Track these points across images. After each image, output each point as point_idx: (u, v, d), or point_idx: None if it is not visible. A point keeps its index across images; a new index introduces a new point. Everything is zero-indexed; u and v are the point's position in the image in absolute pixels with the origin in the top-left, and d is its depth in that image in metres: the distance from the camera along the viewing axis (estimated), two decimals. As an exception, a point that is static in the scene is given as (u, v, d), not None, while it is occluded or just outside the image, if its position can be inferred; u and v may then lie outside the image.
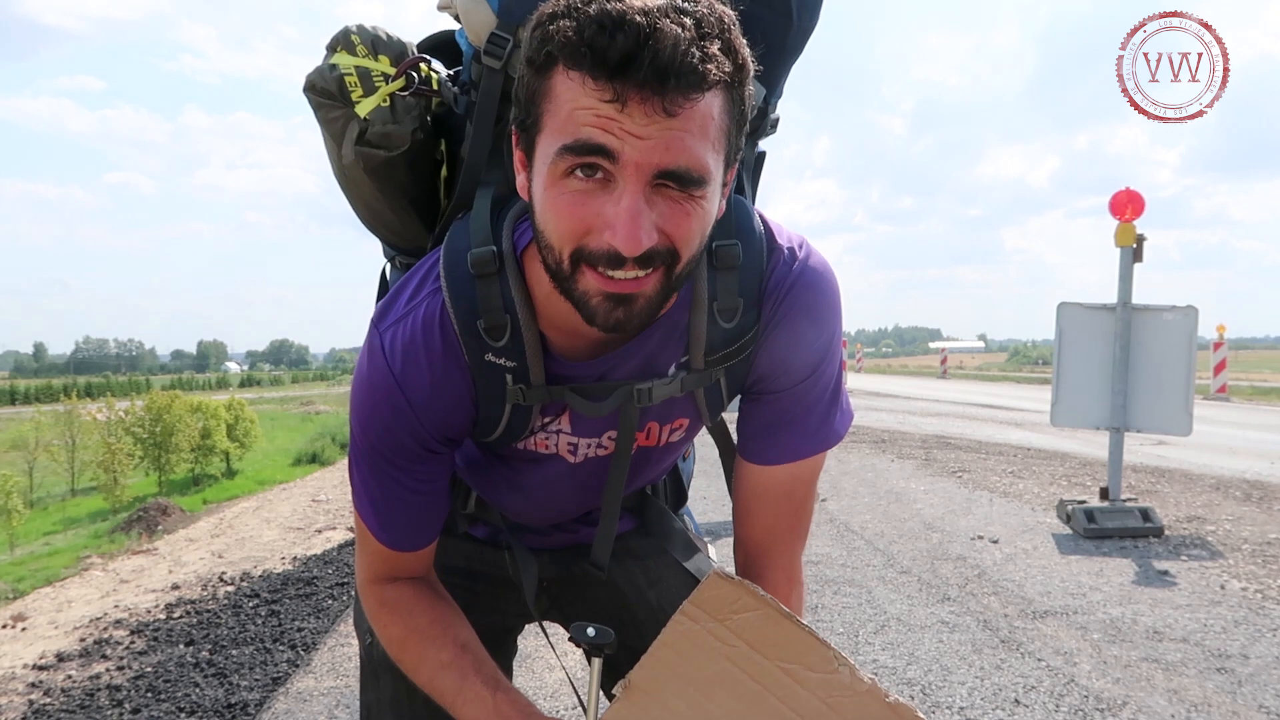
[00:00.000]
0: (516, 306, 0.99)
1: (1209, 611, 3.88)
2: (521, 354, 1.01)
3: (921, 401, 17.80)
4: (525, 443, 1.13)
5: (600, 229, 0.84)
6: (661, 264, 0.87)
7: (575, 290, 0.88)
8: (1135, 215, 5.34)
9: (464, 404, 1.04)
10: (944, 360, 36.10)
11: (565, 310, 0.94)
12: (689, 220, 0.86)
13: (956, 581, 4.41)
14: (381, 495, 1.07)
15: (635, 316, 0.89)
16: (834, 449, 4.61)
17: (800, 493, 1.18)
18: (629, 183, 0.82)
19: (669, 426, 1.16)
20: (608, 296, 0.87)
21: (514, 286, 0.98)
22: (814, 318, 1.09)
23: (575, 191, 0.84)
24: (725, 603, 0.92)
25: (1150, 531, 5.25)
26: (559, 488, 1.21)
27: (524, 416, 1.07)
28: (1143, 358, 5.39)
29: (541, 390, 1.03)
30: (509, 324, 0.99)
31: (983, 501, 6.45)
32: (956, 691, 3.08)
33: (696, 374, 1.08)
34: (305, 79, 1.15)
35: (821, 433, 1.15)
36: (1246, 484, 6.97)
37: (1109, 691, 3.05)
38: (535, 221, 0.90)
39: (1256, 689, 3.06)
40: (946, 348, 55.37)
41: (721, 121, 0.86)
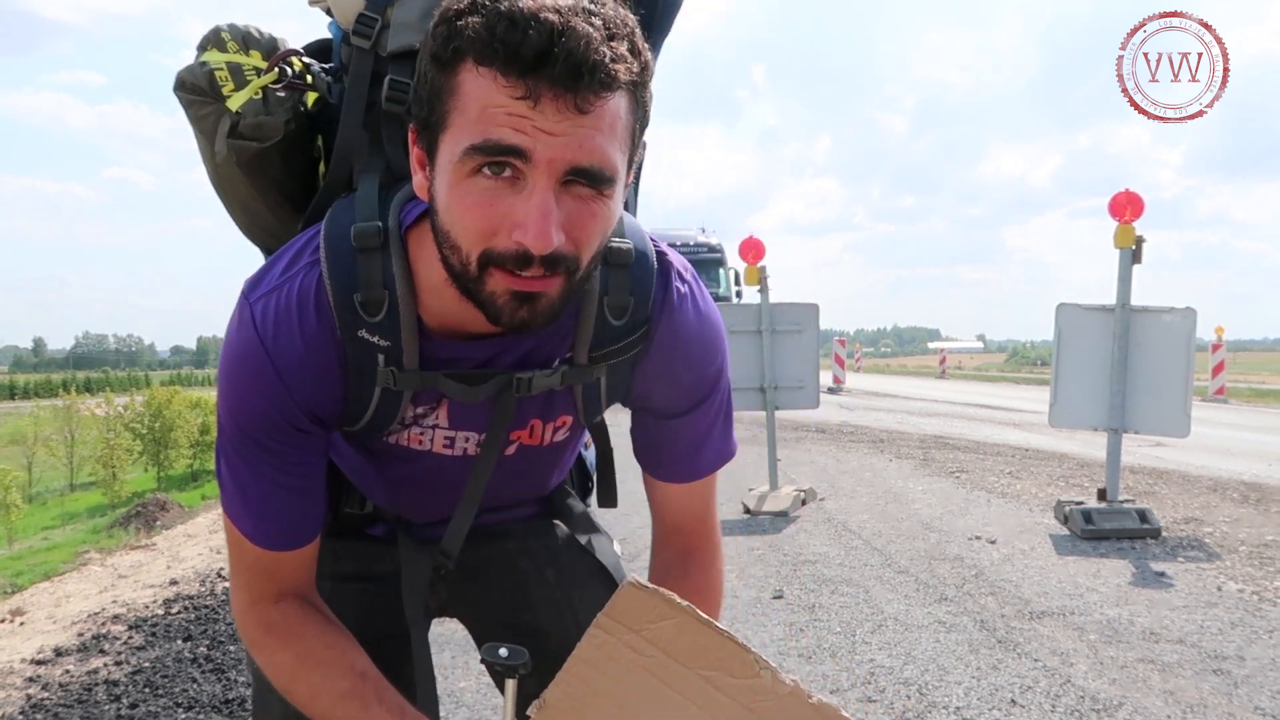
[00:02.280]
0: (396, 284, 0.96)
1: (1206, 613, 3.89)
2: (396, 333, 0.97)
3: (920, 401, 17.81)
4: (397, 437, 1.09)
5: (508, 228, 0.83)
6: (564, 270, 0.86)
7: (482, 291, 0.87)
8: (1135, 217, 5.35)
9: (334, 381, 0.99)
10: (943, 360, 36.11)
11: (452, 302, 0.93)
12: (594, 221, 0.86)
13: (954, 581, 4.41)
14: (254, 486, 1.01)
15: (539, 315, 0.88)
16: (832, 448, 4.63)
17: (698, 507, 1.23)
18: (539, 180, 0.81)
19: (553, 424, 1.14)
20: (514, 295, 0.86)
21: (396, 264, 0.96)
22: (707, 345, 1.11)
23: (483, 191, 0.83)
24: (641, 613, 0.90)
25: (1148, 533, 5.25)
26: (435, 484, 1.17)
27: (393, 404, 1.02)
28: (1141, 359, 5.40)
29: (414, 375, 0.99)
30: (386, 301, 0.95)
31: (980, 502, 6.46)
32: (953, 691, 3.08)
33: (579, 369, 1.06)
34: (175, 78, 1.14)
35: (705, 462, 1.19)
36: (1244, 485, 6.98)
37: (1105, 692, 3.06)
38: (438, 222, 0.88)
39: (1252, 690, 3.06)
40: (945, 348, 55.39)
41: (628, 122, 0.86)
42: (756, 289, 6.43)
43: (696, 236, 19.91)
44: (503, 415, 1.06)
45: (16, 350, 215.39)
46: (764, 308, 6.30)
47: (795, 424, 11.45)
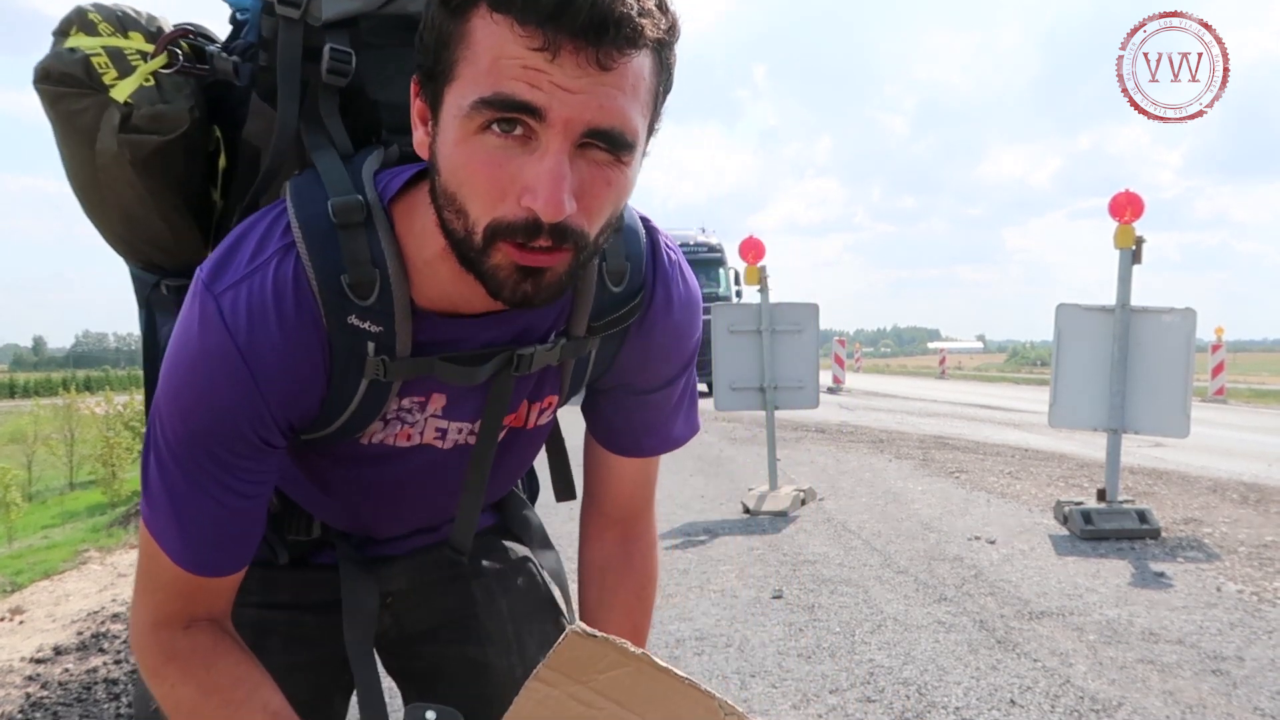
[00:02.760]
0: (387, 261, 0.86)
1: (1205, 613, 3.89)
2: (389, 317, 0.87)
3: (920, 402, 17.81)
4: (374, 437, 0.98)
5: (517, 191, 0.76)
6: (571, 244, 0.78)
7: (485, 264, 0.79)
8: (1135, 217, 5.34)
9: (317, 378, 0.89)
10: (942, 360, 36.11)
11: (445, 279, 0.86)
12: (608, 190, 0.79)
13: (953, 582, 4.41)
14: (193, 503, 0.88)
15: (543, 291, 0.81)
16: (832, 448, 4.64)
17: (651, 471, 1.20)
18: (553, 141, 0.74)
19: (539, 405, 1.06)
20: (519, 269, 0.79)
21: (384, 239, 0.86)
22: (693, 313, 1.07)
23: (491, 149, 0.75)
24: (588, 662, 0.80)
25: (1147, 533, 5.25)
26: (420, 484, 1.07)
27: (379, 399, 0.93)
28: (1141, 359, 5.40)
29: (407, 363, 0.90)
30: (378, 281, 0.86)
31: (980, 502, 6.46)
32: (952, 691, 3.08)
33: (576, 341, 0.98)
34: (35, 70, 0.99)
35: (679, 433, 1.16)
36: (1244, 486, 6.98)
37: (1104, 692, 3.06)
38: (440, 184, 0.80)
39: (1252, 691, 3.06)
40: (945, 348, 55.41)
41: (651, 84, 0.79)
42: (756, 289, 6.43)
43: (696, 236, 19.92)
44: (501, 396, 0.98)
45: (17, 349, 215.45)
46: (764, 307, 6.30)
47: (795, 424, 11.45)
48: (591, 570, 1.21)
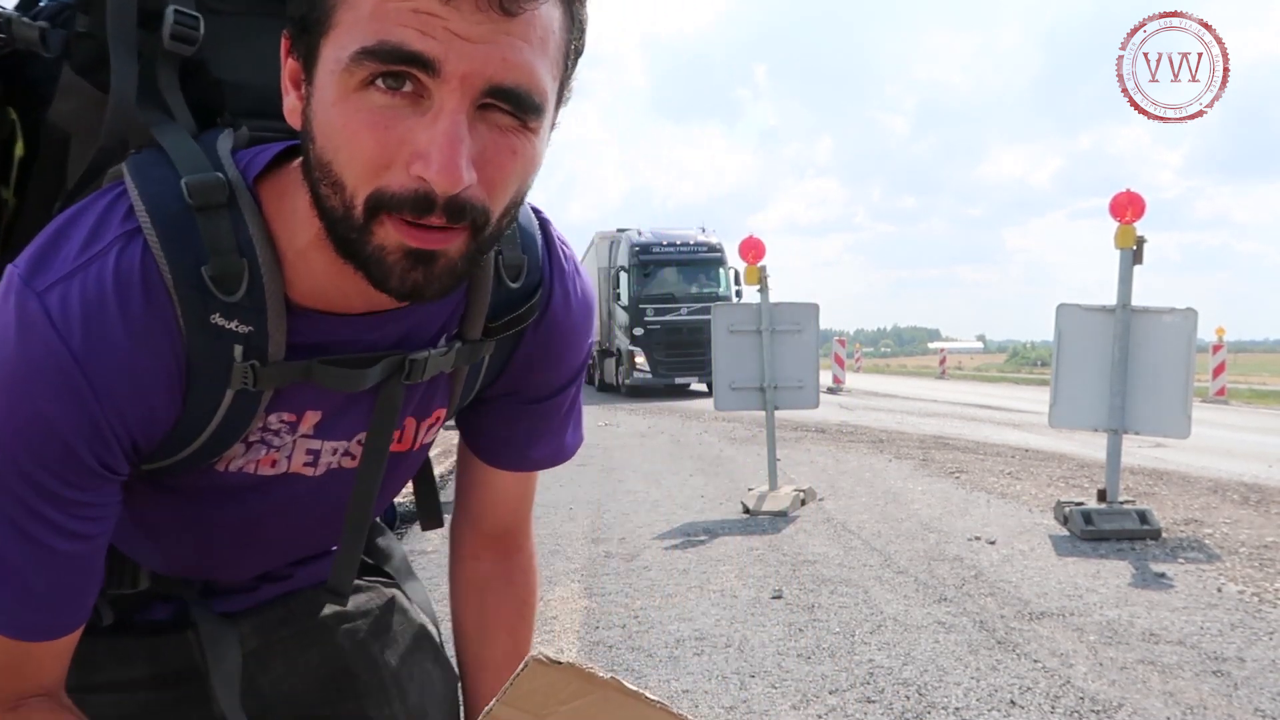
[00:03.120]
0: (256, 250, 0.73)
1: (1205, 614, 3.88)
2: (260, 315, 0.73)
3: (920, 402, 17.81)
4: (233, 463, 0.83)
5: (406, 159, 0.64)
6: (469, 222, 0.67)
7: (368, 245, 0.67)
8: (1135, 217, 5.34)
9: (171, 390, 0.74)
10: (943, 360, 36.13)
11: (322, 269, 0.74)
12: (514, 161, 0.68)
13: (953, 582, 4.41)
14: (15, 550, 0.72)
15: (437, 280, 0.70)
16: (832, 448, 4.64)
17: (534, 484, 1.10)
18: (449, 99, 0.63)
19: (426, 422, 0.93)
20: (408, 252, 0.67)
21: (251, 224, 0.73)
22: (589, 313, 0.97)
23: (375, 109, 0.64)
24: (550, 693, 0.72)
25: (1147, 533, 5.25)
26: (283, 521, 0.92)
27: (245, 414, 0.78)
28: (1141, 360, 5.40)
29: (279, 369, 0.76)
30: (246, 273, 0.72)
31: (980, 502, 6.45)
32: (952, 692, 3.08)
33: (471, 345, 0.87)
34: None
35: (570, 444, 1.06)
36: (1244, 487, 6.98)
37: (1105, 693, 3.05)
38: (314, 153, 0.68)
39: (1252, 692, 3.06)
40: (945, 348, 55.43)
41: (561, 41, 0.68)
42: (756, 289, 6.43)
43: (696, 236, 19.92)
44: (389, 408, 0.85)
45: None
46: (764, 307, 6.30)
47: (795, 424, 11.45)
48: (468, 592, 1.08)
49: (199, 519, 0.88)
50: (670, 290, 19.21)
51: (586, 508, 6.49)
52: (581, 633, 3.76)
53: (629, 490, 7.21)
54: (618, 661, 3.41)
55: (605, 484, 7.52)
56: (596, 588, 4.43)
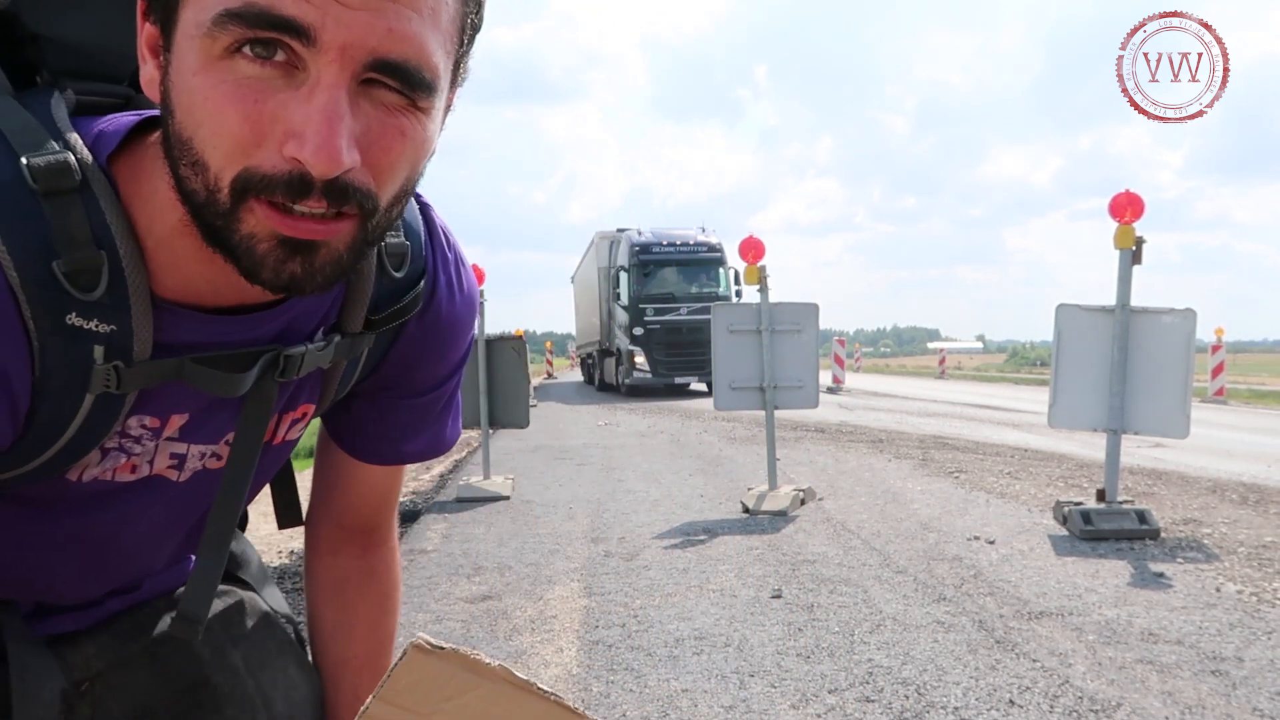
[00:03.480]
0: (116, 241, 0.64)
1: (1204, 614, 3.89)
2: (124, 313, 0.65)
3: (919, 401, 17.81)
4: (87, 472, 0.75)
5: (278, 137, 0.57)
6: (356, 208, 0.61)
7: (236, 233, 0.60)
8: (1135, 217, 5.35)
9: (18, 398, 0.65)
10: (942, 360, 36.12)
11: (188, 258, 0.67)
12: (402, 142, 0.61)
13: (953, 582, 4.41)
14: None
15: (317, 274, 0.63)
16: (832, 448, 4.63)
17: (401, 477, 1.04)
18: (327, 72, 0.56)
19: (291, 416, 0.86)
20: (283, 242, 0.60)
21: (109, 212, 0.64)
22: (473, 303, 0.92)
23: (242, 80, 0.56)
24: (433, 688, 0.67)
25: (1146, 533, 5.25)
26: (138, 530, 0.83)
27: (106, 419, 0.70)
28: (1141, 360, 5.40)
29: (146, 369, 0.68)
30: (106, 266, 0.64)
31: (979, 502, 6.46)
32: (951, 692, 3.08)
33: (351, 339, 0.80)
34: None
35: (449, 437, 0.99)
36: (1243, 487, 6.98)
37: (1104, 693, 3.05)
38: (174, 129, 0.60)
39: (1251, 692, 3.06)
40: (945, 348, 55.46)
41: (455, 12, 0.62)
42: (756, 289, 6.43)
43: (696, 236, 19.93)
44: (261, 408, 0.78)
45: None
46: (764, 307, 6.30)
47: (794, 424, 11.45)
48: (326, 588, 1.02)
49: (40, 532, 0.79)
50: (670, 290, 19.22)
51: (586, 507, 6.49)
52: (581, 632, 3.77)
53: (628, 490, 7.21)
54: (617, 660, 3.42)
55: (605, 483, 7.52)
56: (596, 587, 4.43)
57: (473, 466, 8.44)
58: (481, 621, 3.93)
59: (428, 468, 9.31)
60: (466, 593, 4.38)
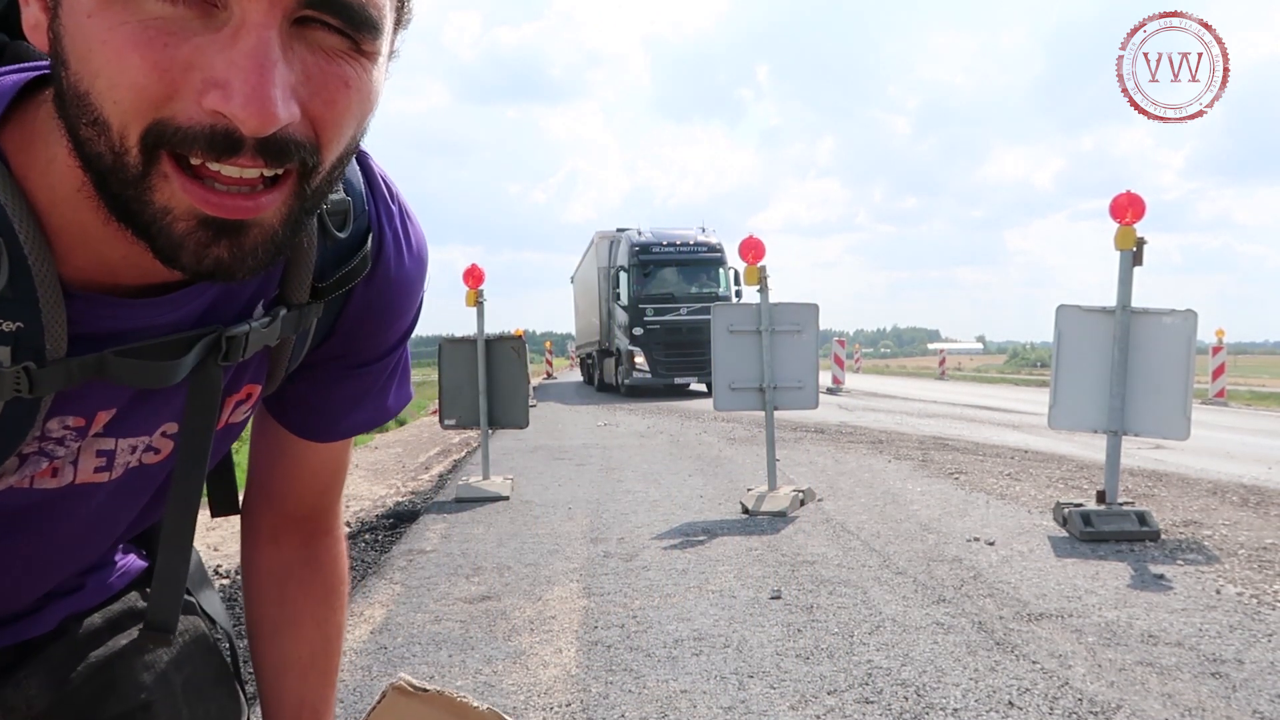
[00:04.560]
0: (14, 223, 0.55)
1: (1205, 616, 3.88)
2: (31, 306, 0.57)
3: (919, 402, 17.80)
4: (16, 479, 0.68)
5: (195, 88, 0.48)
6: (295, 165, 0.52)
7: (149, 205, 0.51)
8: (1136, 218, 5.34)
9: None
10: (942, 361, 36.11)
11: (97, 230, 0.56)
12: (347, 93, 0.52)
13: (952, 583, 4.40)
14: None
15: (247, 257, 0.54)
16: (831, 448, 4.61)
17: (348, 455, 0.96)
18: (254, 9, 0.48)
19: (236, 398, 0.77)
20: (205, 223, 0.52)
21: (1, 189, 0.56)
22: (422, 262, 0.83)
23: (148, 21, 0.47)
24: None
25: (1147, 535, 5.24)
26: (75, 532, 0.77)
27: (19, 427, 0.62)
28: (1141, 361, 5.39)
29: (63, 368, 0.60)
30: (5, 255, 0.55)
31: (979, 503, 6.45)
32: (951, 693, 3.07)
33: (298, 311, 0.72)
34: None
35: (393, 404, 0.91)
36: (1244, 489, 6.97)
37: (1103, 695, 3.05)
38: (69, 84, 0.50)
39: (1251, 694, 3.05)
40: (945, 349, 55.44)
41: None
42: (756, 289, 6.43)
43: (696, 236, 19.92)
44: (207, 396, 0.69)
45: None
46: (763, 307, 6.29)
47: (794, 424, 11.44)
48: (267, 583, 0.95)
49: None
50: (670, 290, 19.21)
51: (585, 507, 6.48)
52: (580, 632, 3.76)
53: (628, 490, 7.20)
54: (616, 661, 3.41)
55: (604, 484, 7.51)
56: (595, 587, 4.42)
57: (472, 467, 8.44)
58: (480, 622, 3.92)
59: (427, 467, 9.30)
60: (465, 593, 4.38)
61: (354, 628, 3.86)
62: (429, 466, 9.29)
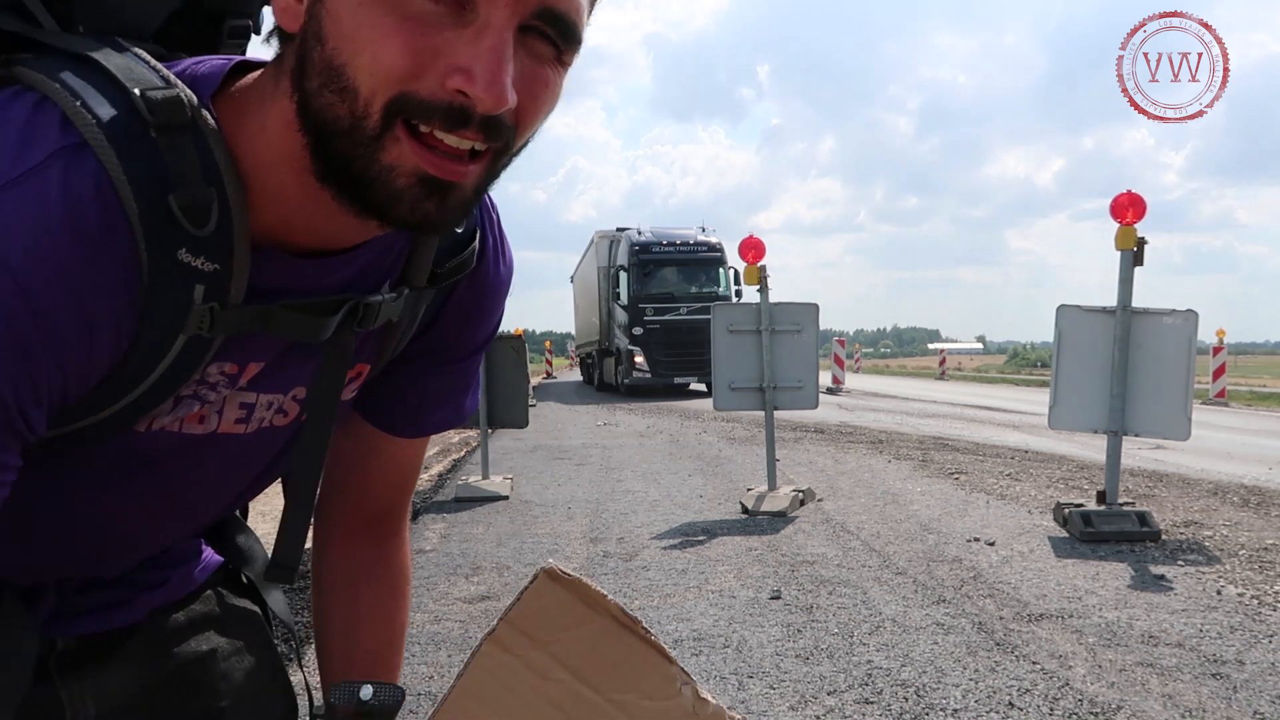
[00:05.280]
0: (224, 178, 0.64)
1: (1205, 616, 3.87)
2: (227, 253, 0.64)
3: (919, 402, 17.80)
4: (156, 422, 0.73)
5: (440, 71, 0.59)
6: (499, 144, 0.63)
7: (376, 163, 0.60)
8: (1137, 218, 5.33)
9: (118, 332, 0.63)
10: (942, 361, 36.12)
11: (293, 195, 0.66)
12: (546, 93, 0.63)
13: (952, 583, 4.40)
14: None
15: (449, 214, 0.64)
16: (831, 448, 4.60)
17: (422, 453, 1.01)
18: (498, 15, 0.58)
19: (350, 373, 0.83)
20: (423, 180, 0.61)
21: (217, 149, 0.64)
22: (510, 269, 0.91)
23: (411, 14, 0.58)
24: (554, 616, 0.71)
25: (1147, 535, 5.24)
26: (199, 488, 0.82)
27: (191, 364, 0.68)
28: (1142, 361, 5.39)
29: (238, 314, 0.67)
30: (215, 204, 0.63)
31: (979, 503, 6.44)
32: (951, 694, 3.07)
33: (416, 294, 0.80)
34: None
35: (470, 405, 0.97)
36: (1244, 489, 6.97)
37: (1104, 696, 3.04)
38: (322, 56, 0.60)
39: (1251, 695, 3.05)
40: (945, 349, 55.45)
41: None
42: (756, 289, 6.42)
43: (696, 235, 19.91)
44: (340, 357, 0.77)
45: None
46: (764, 307, 6.29)
47: (794, 424, 11.44)
48: (338, 582, 0.98)
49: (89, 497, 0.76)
50: (670, 290, 19.21)
51: (585, 507, 6.48)
52: (579, 632, 3.75)
53: (628, 490, 7.19)
54: (615, 662, 3.40)
55: (604, 483, 7.51)
56: (594, 587, 4.42)
57: (471, 466, 8.43)
58: (480, 622, 3.91)
59: (426, 466, 9.30)
60: (465, 593, 4.37)
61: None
62: (428, 466, 9.28)
